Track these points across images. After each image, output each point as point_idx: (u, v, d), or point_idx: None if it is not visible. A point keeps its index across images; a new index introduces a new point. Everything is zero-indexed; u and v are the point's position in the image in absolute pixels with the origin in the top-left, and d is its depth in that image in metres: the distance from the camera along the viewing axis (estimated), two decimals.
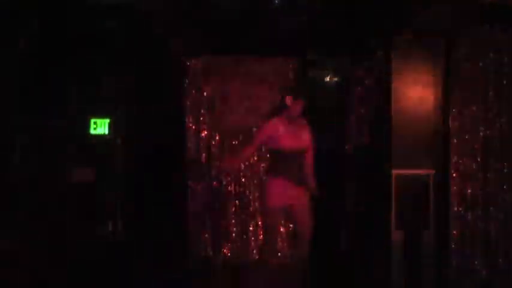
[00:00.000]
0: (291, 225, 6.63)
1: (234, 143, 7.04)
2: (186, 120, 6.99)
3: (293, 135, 5.13)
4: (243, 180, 7.03)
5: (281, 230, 6.87)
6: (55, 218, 6.40)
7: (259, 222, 6.82)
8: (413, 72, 6.02)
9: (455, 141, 5.99)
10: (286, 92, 5.36)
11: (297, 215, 5.24)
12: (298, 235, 5.35)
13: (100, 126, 6.80)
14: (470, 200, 5.96)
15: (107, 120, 6.80)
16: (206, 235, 6.99)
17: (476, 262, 5.92)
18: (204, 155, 7.01)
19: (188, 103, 7.00)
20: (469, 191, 5.97)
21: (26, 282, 5.61)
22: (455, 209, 5.97)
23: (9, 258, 5.78)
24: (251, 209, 6.96)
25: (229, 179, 7.04)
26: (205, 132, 7.02)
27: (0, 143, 6.23)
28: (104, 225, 6.69)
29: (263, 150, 6.53)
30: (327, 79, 7.93)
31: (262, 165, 6.73)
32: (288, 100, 5.17)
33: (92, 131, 6.80)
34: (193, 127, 7.01)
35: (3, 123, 6.20)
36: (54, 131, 6.53)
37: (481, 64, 5.95)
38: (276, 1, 5.69)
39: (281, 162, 5.17)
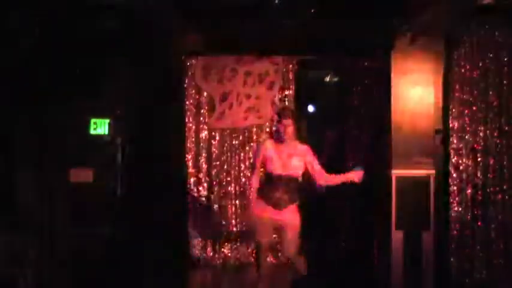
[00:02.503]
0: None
1: (234, 143, 7.05)
2: (186, 120, 6.99)
3: (283, 162, 5.05)
4: (243, 180, 7.03)
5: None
6: (55, 218, 6.39)
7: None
8: (413, 72, 6.02)
9: (455, 141, 5.99)
10: (277, 111, 5.28)
11: (281, 235, 5.21)
12: (284, 252, 5.33)
13: (100, 126, 6.79)
14: (470, 200, 5.96)
15: (107, 120, 6.79)
16: (206, 236, 6.99)
17: (476, 262, 5.92)
18: (204, 155, 7.02)
19: (188, 103, 7.00)
20: (469, 191, 5.97)
21: (27, 281, 5.60)
22: (455, 209, 5.97)
23: (10, 257, 5.77)
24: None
25: (229, 179, 7.04)
26: (205, 132, 7.02)
27: (1, 143, 6.22)
28: (103, 225, 6.67)
29: None
30: (327, 79, 7.94)
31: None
32: (275, 120, 5.15)
33: (92, 131, 6.78)
34: (193, 127, 7.01)
35: (3, 123, 6.19)
36: (54, 130, 6.52)
37: (481, 64, 5.95)
38: (276, 1, 5.68)
39: (266, 184, 5.12)
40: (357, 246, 6.75)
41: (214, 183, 7.03)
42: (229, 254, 6.98)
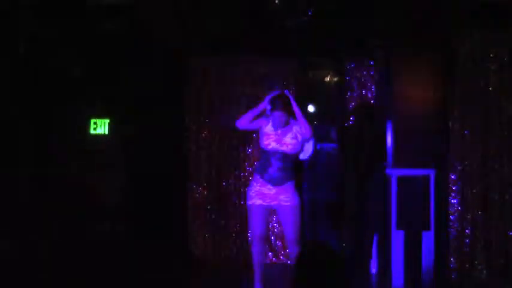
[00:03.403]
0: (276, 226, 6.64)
1: (234, 143, 7.05)
2: (186, 120, 6.99)
3: (277, 137, 5.10)
4: (243, 180, 7.03)
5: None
6: (55, 218, 6.40)
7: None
8: (413, 72, 6.02)
9: (455, 141, 5.98)
10: (270, 99, 5.31)
11: (281, 218, 5.23)
12: (285, 236, 5.34)
13: (100, 126, 6.81)
14: (470, 200, 5.96)
15: (107, 120, 6.81)
16: (206, 235, 6.99)
17: (476, 262, 5.91)
18: (204, 155, 7.02)
19: (188, 103, 7.00)
20: (469, 191, 5.97)
21: (26, 282, 5.61)
22: (455, 209, 5.97)
23: (9, 258, 5.78)
24: None
25: (229, 179, 7.04)
26: (205, 132, 7.02)
27: (1, 144, 6.24)
28: (104, 224, 6.69)
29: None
30: (327, 79, 7.94)
31: None
32: (268, 109, 5.16)
33: (92, 131, 6.80)
34: (193, 127, 7.01)
35: (4, 124, 6.20)
36: (54, 131, 6.53)
37: (481, 64, 5.94)
38: (276, 1, 5.68)
39: (261, 159, 5.17)
40: (357, 246, 6.75)
41: (214, 183, 7.03)
42: (229, 254, 6.98)
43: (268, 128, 5.12)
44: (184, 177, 6.97)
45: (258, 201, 5.09)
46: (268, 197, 5.08)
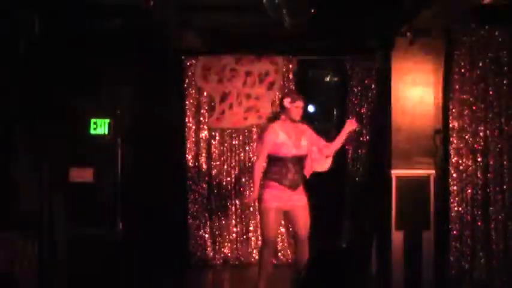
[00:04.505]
0: (290, 227, 6.64)
1: (234, 143, 7.05)
2: (186, 120, 6.99)
3: (293, 142, 5.12)
4: (243, 180, 7.03)
5: (281, 230, 6.87)
6: (55, 217, 6.38)
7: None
8: (413, 72, 6.02)
9: (455, 141, 5.98)
10: (285, 94, 5.42)
11: (294, 217, 5.24)
12: (296, 236, 5.35)
13: (100, 126, 6.79)
14: (470, 200, 5.95)
15: (107, 120, 6.79)
16: (206, 235, 6.99)
17: (476, 262, 5.91)
18: (204, 155, 7.01)
19: (188, 103, 7.00)
20: (469, 191, 5.97)
21: (25, 282, 5.60)
22: (455, 209, 5.96)
23: (8, 258, 5.76)
24: (251, 209, 6.96)
25: (229, 179, 7.04)
26: (205, 132, 7.02)
27: (1, 144, 6.22)
28: (103, 225, 6.67)
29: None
30: (327, 79, 7.95)
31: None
32: (286, 102, 5.17)
33: (92, 131, 6.78)
34: (193, 127, 7.01)
35: (3, 124, 6.19)
36: (54, 131, 6.52)
37: (481, 64, 5.94)
38: (276, 1, 5.67)
39: (276, 167, 5.17)
40: (357, 246, 6.75)
41: (214, 183, 7.03)
42: (229, 254, 6.98)
43: (281, 136, 5.12)
44: (184, 177, 6.97)
45: (274, 204, 5.10)
46: (284, 199, 5.11)
